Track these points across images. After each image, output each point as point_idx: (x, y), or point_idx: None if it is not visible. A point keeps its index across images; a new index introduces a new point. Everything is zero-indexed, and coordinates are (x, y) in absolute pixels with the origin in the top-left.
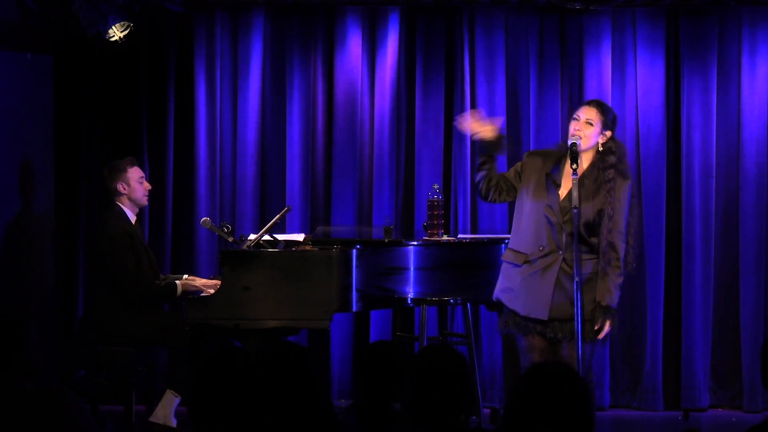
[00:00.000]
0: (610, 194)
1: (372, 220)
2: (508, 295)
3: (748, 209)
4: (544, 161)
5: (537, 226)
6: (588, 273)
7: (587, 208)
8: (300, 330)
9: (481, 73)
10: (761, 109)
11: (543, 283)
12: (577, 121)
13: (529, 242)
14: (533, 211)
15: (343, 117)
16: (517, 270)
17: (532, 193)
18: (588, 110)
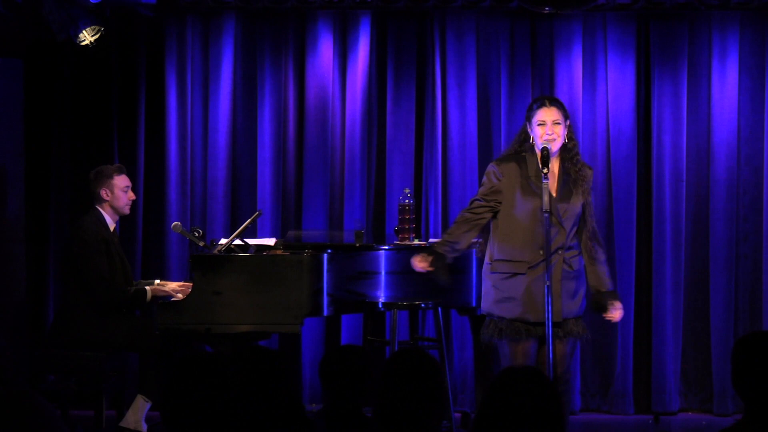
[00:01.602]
0: (585, 183)
1: (343, 225)
2: (506, 305)
3: (719, 213)
4: (520, 165)
5: (533, 232)
6: (579, 268)
7: (574, 204)
8: (271, 334)
9: (452, 77)
10: (731, 114)
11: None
12: (545, 125)
13: (527, 249)
14: (526, 217)
15: (314, 121)
16: (519, 278)
17: (523, 200)
18: (551, 111)
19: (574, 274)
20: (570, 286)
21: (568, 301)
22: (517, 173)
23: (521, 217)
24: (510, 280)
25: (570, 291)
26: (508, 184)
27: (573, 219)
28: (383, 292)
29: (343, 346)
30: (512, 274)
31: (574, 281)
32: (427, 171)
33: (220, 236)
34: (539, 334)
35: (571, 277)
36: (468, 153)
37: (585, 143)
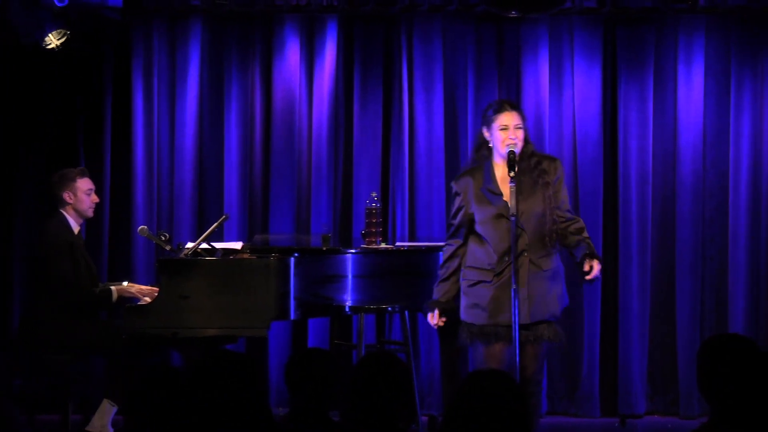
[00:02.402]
0: (546, 176)
1: (310, 228)
2: (475, 311)
3: (685, 216)
4: (474, 177)
5: (497, 238)
6: (552, 268)
7: (534, 204)
8: (238, 338)
9: (419, 81)
10: (697, 117)
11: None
12: (508, 129)
13: (492, 256)
14: (485, 226)
15: (281, 125)
16: (484, 285)
17: (479, 210)
18: (512, 115)
19: (546, 274)
20: (540, 287)
21: (538, 303)
22: (471, 185)
23: (482, 227)
24: (476, 288)
25: (540, 292)
26: (466, 198)
27: (535, 219)
28: (350, 296)
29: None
30: (477, 281)
31: (545, 282)
32: (394, 175)
33: (186, 240)
34: (509, 337)
35: (542, 277)
36: (435, 157)
37: (551, 147)
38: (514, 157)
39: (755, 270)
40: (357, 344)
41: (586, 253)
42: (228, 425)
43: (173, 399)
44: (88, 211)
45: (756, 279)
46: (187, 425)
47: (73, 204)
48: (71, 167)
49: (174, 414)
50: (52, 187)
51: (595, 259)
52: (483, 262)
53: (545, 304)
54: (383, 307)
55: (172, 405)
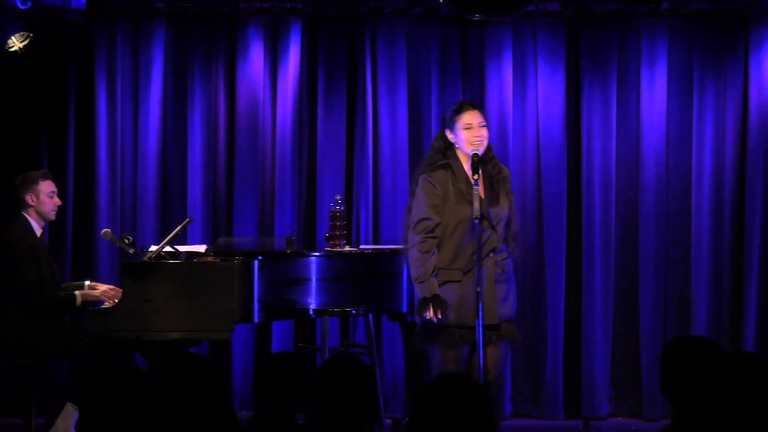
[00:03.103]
0: (507, 184)
1: (274, 231)
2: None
3: (648, 218)
4: (447, 174)
5: (466, 239)
6: (509, 271)
7: (503, 206)
8: (202, 341)
9: (383, 84)
10: (660, 120)
11: (485, 289)
12: (472, 128)
13: (461, 256)
14: (458, 225)
15: (245, 128)
16: (453, 285)
17: (453, 207)
18: (476, 114)
19: (506, 277)
20: (502, 288)
21: (502, 304)
22: (447, 182)
23: (454, 225)
24: (443, 288)
25: (502, 293)
26: (443, 190)
27: (504, 221)
28: (314, 299)
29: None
30: (445, 281)
31: (505, 284)
32: (357, 178)
33: (150, 243)
34: (473, 337)
35: (503, 279)
36: (398, 160)
37: (515, 150)
38: (478, 160)
39: (718, 273)
40: (321, 347)
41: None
42: (192, 429)
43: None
44: (51, 214)
45: (719, 282)
46: (150, 429)
47: (35, 206)
48: (34, 170)
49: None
50: (14, 190)
51: None
52: (452, 262)
53: (505, 305)
54: (347, 310)
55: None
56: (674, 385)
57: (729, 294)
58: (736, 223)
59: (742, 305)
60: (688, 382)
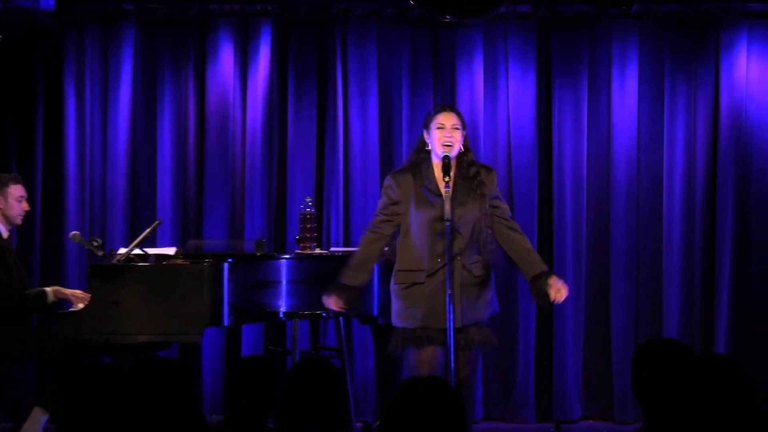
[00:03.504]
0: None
1: (244, 234)
2: (408, 315)
3: (619, 220)
4: (415, 175)
5: (431, 240)
6: (483, 275)
7: (470, 210)
8: (171, 344)
9: (354, 86)
10: (631, 122)
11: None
12: (444, 128)
13: (425, 257)
14: (423, 226)
15: (215, 129)
16: (418, 287)
17: (416, 210)
18: (450, 116)
19: (476, 280)
20: (471, 292)
21: (469, 308)
22: (411, 184)
23: (418, 227)
24: (409, 290)
25: (471, 297)
26: (404, 195)
27: (470, 224)
28: (284, 302)
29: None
30: (411, 284)
31: (475, 287)
32: (328, 180)
33: (119, 246)
34: (441, 339)
35: (472, 282)
36: (369, 162)
37: (486, 151)
38: (449, 161)
39: (689, 275)
40: (291, 350)
41: (545, 272)
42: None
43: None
44: (17, 219)
45: (690, 284)
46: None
47: (3, 209)
48: (3, 172)
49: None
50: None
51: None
52: (417, 264)
53: (474, 309)
54: (317, 312)
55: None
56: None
57: (700, 296)
58: (707, 225)
59: (714, 307)
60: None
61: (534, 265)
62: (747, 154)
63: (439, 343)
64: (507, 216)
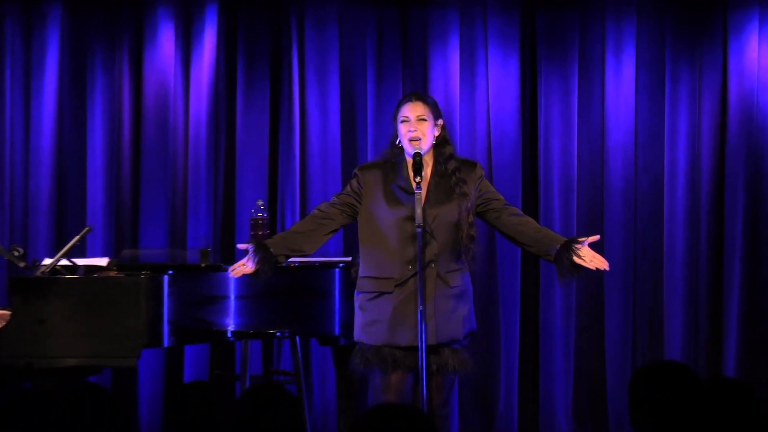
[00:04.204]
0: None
1: (186, 242)
2: (373, 329)
3: (614, 227)
4: (386, 172)
5: (400, 243)
6: (460, 286)
7: (447, 210)
8: (103, 369)
9: (312, 73)
10: (627, 114)
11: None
12: (409, 122)
13: (394, 263)
14: (392, 227)
15: (153, 123)
16: (386, 298)
17: (385, 209)
18: (415, 106)
19: (453, 292)
20: (446, 305)
21: (443, 323)
22: (379, 179)
23: (385, 229)
24: (376, 301)
25: (446, 311)
26: (369, 191)
27: (446, 227)
28: (233, 320)
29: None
30: (378, 293)
31: (451, 300)
32: (283, 179)
33: (43, 255)
34: (410, 362)
35: (448, 295)
36: (330, 159)
37: (463, 147)
38: (420, 159)
39: (694, 288)
40: (241, 375)
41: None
42: None
43: None
44: None
45: (695, 298)
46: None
47: None
48: None
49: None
50: None
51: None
52: (384, 271)
53: (449, 325)
54: (271, 332)
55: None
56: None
57: (707, 310)
58: (714, 230)
59: (722, 323)
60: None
61: (551, 238)
62: (759, 151)
63: (408, 367)
64: (504, 205)
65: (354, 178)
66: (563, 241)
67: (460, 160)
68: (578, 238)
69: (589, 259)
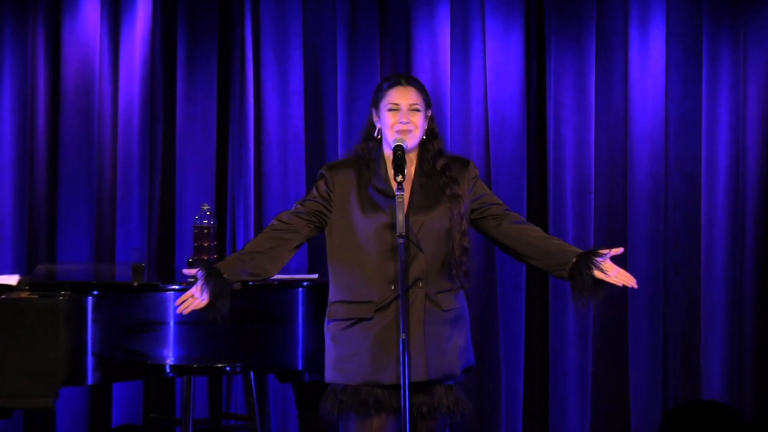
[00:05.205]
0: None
1: (115, 255)
2: (350, 365)
3: (640, 236)
4: (360, 172)
5: (380, 258)
6: (455, 309)
7: (440, 217)
8: (13, 411)
9: (270, 49)
10: (656, 99)
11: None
12: (399, 110)
13: (373, 283)
14: (370, 238)
15: (74, 110)
16: (364, 326)
17: (360, 216)
18: (408, 92)
19: (447, 316)
20: (438, 332)
21: (436, 355)
22: (353, 181)
23: (362, 241)
24: (351, 330)
25: (439, 340)
26: (340, 195)
27: (436, 237)
28: (172, 351)
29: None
30: (354, 320)
31: (445, 326)
32: (234, 179)
33: None
34: (395, 402)
35: (441, 320)
36: (291, 153)
37: (455, 140)
38: (402, 154)
39: (737, 309)
40: (182, 419)
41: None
42: None
43: None
44: None
45: (738, 323)
46: None
47: None
48: None
49: None
50: None
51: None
52: (360, 293)
53: (443, 358)
54: (219, 366)
55: None
56: None
57: (753, 339)
58: (762, 240)
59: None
60: None
61: (565, 250)
62: None
63: (393, 409)
64: (504, 211)
65: (321, 179)
66: (579, 253)
67: (450, 157)
68: (598, 250)
69: (614, 274)
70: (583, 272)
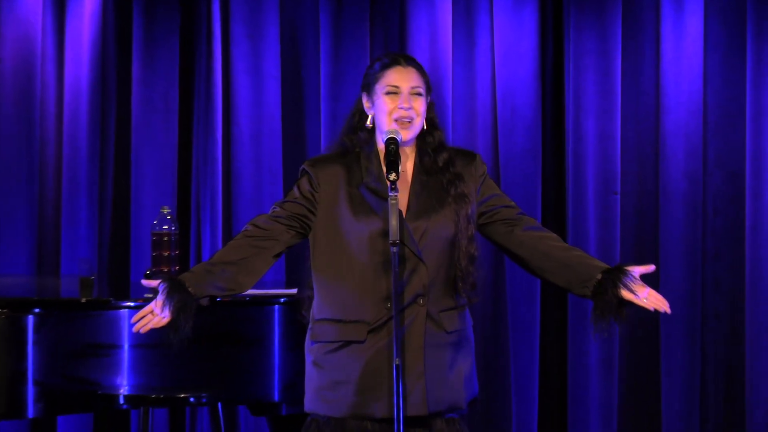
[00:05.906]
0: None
1: (60, 267)
2: (336, 395)
3: (674, 245)
4: (349, 168)
5: (374, 270)
6: (459, 331)
7: (443, 221)
8: None
9: (240, 24)
10: (693, 85)
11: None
12: (399, 93)
13: (366, 300)
14: (361, 247)
15: (12, 96)
16: (354, 350)
17: (350, 220)
18: (407, 73)
19: (450, 339)
20: (440, 358)
21: (437, 382)
22: (341, 179)
23: (353, 249)
24: (339, 354)
25: (440, 366)
26: (327, 196)
27: (440, 246)
28: (127, 378)
29: None
30: (342, 343)
31: (447, 351)
32: (198, 177)
33: None
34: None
35: (443, 343)
36: (266, 146)
37: (457, 132)
38: (396, 148)
39: None
40: None
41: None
42: None
43: None
44: None
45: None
46: None
47: None
48: None
49: None
50: None
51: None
52: (350, 311)
53: (444, 387)
54: (182, 396)
55: None
56: None
57: None
58: None
59: None
60: None
61: (590, 267)
62: None
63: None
64: (518, 214)
65: (303, 177)
66: (605, 268)
67: (453, 150)
68: (625, 267)
69: (644, 295)
70: (608, 291)
